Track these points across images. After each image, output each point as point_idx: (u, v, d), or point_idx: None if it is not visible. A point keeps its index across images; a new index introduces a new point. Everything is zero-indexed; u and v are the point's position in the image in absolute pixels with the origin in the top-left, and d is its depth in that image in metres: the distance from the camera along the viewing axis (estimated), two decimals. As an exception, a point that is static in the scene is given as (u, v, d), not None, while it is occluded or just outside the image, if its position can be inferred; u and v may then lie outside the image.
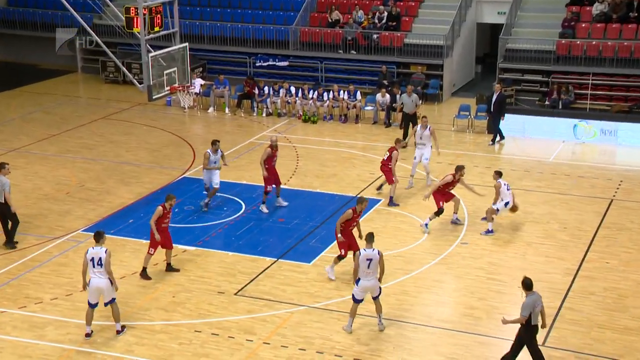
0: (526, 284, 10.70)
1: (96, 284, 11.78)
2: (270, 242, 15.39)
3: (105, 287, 11.79)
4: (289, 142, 21.53)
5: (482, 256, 14.65)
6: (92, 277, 11.79)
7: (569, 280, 13.75)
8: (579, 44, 24.10)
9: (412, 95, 21.15)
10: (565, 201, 17.27)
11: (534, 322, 10.64)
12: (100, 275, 11.73)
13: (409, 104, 21.07)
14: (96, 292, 11.84)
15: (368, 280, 11.86)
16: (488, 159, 20.10)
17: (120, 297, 13.25)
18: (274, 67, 26.94)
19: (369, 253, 11.81)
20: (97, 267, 11.71)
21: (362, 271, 11.82)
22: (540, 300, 10.78)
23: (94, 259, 11.74)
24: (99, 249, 11.81)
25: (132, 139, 22.06)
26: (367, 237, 12.05)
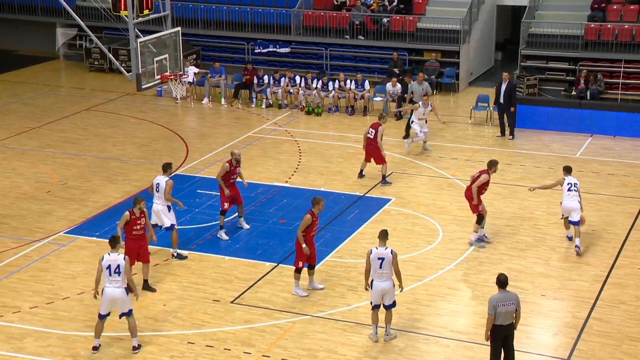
0: (499, 281, 10.86)
1: (111, 294, 11.74)
2: (270, 245, 15.43)
3: (120, 297, 11.76)
4: (290, 136, 21.57)
5: (502, 261, 14.67)
6: (107, 286, 11.73)
7: (598, 288, 13.77)
8: (609, 28, 24.07)
9: (423, 84, 21.37)
10: (594, 201, 17.27)
11: (497, 322, 10.81)
12: (117, 285, 11.70)
13: (419, 92, 21.22)
14: (110, 303, 11.82)
15: (382, 282, 11.90)
16: (508, 155, 20.12)
17: (106, 306, 13.32)
18: (275, 54, 26.98)
19: (381, 251, 11.83)
20: (114, 276, 11.67)
21: (374, 272, 11.84)
22: (514, 301, 10.85)
23: (111, 267, 11.66)
24: (116, 256, 11.76)
25: (119, 132, 22.12)
26: (380, 235, 12.04)
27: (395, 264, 11.84)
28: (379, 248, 11.88)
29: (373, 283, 11.92)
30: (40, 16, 29.36)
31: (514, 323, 11.02)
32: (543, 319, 12.95)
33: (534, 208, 16.86)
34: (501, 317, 10.81)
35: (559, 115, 21.59)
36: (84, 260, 14.89)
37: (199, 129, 22.42)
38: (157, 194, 14.69)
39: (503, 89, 20.82)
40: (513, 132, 21.07)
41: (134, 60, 18.18)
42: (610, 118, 21.19)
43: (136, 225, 13.34)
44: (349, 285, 13.93)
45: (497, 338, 10.96)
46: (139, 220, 13.36)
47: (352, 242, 15.49)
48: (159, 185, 14.68)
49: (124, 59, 25.74)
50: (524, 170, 18.95)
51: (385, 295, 11.94)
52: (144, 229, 13.48)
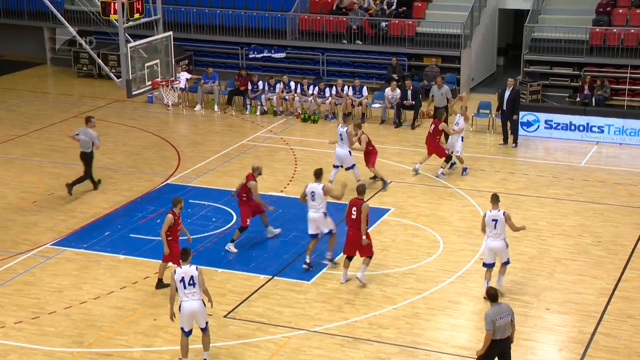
0: (490, 295, 10.96)
1: (190, 308, 11.68)
2: (264, 257, 15.40)
3: (199, 309, 11.72)
4: (286, 144, 21.57)
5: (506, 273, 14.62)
6: (184, 300, 11.68)
7: (604, 301, 13.75)
8: (615, 33, 24.14)
9: (443, 88, 21.51)
10: (600, 211, 17.27)
11: (496, 337, 10.83)
12: (193, 297, 11.67)
13: (439, 97, 21.39)
14: (190, 317, 11.76)
15: (495, 241, 13.48)
16: (511, 164, 20.12)
17: (95, 320, 13.29)
18: (270, 59, 27.00)
19: (494, 214, 13.43)
20: (189, 288, 11.64)
21: (489, 232, 13.46)
22: (508, 312, 10.92)
23: (185, 279, 11.64)
24: (188, 267, 11.75)
25: (108, 140, 22.08)
26: (492, 199, 13.60)
27: (510, 224, 13.47)
28: (492, 211, 13.44)
29: (486, 242, 13.56)
30: (27, 20, 29.37)
31: (510, 336, 11.03)
32: (548, 333, 12.92)
33: (537, 218, 16.85)
34: (499, 331, 10.86)
35: (563, 122, 21.61)
36: (71, 274, 14.84)
37: (191, 137, 22.41)
38: (313, 202, 14.75)
39: (507, 96, 20.84)
40: (516, 140, 21.08)
41: (124, 65, 18.19)
42: (616, 125, 21.21)
43: (179, 225, 13.64)
44: (346, 298, 13.89)
45: (493, 354, 10.93)
46: (180, 220, 13.62)
47: (349, 254, 15.44)
48: (315, 193, 14.71)
49: (114, 65, 25.77)
50: (527, 180, 18.95)
51: (498, 254, 13.56)
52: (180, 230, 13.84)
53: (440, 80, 21.86)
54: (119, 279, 14.62)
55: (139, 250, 15.67)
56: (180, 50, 26.37)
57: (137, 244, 15.91)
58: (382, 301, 13.78)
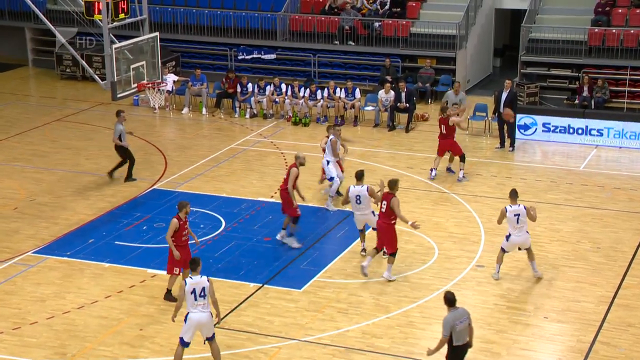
0: (448, 299, 11.02)
1: (197, 319, 11.66)
2: (254, 265, 15.41)
3: (207, 321, 11.77)
4: (276, 148, 21.59)
5: (501, 281, 14.70)
6: (193, 311, 11.68)
7: (604, 309, 13.80)
8: (614, 33, 24.27)
9: (460, 94, 21.34)
10: (599, 217, 17.35)
11: (456, 342, 10.88)
12: (203, 309, 11.70)
13: (455, 102, 21.27)
14: (195, 329, 11.78)
15: (518, 236, 14.32)
16: (508, 168, 20.20)
17: (78, 331, 13.27)
18: (259, 60, 27.03)
19: (515, 209, 14.26)
20: (200, 299, 11.65)
21: (512, 227, 14.26)
22: (466, 316, 10.99)
23: (196, 291, 11.64)
24: (199, 278, 11.75)
25: (92, 144, 22.06)
26: (512, 194, 14.42)
27: (530, 215, 14.22)
28: (512, 206, 14.27)
29: (510, 237, 14.34)
30: (8, 20, 29.32)
31: (469, 341, 11.11)
32: (546, 343, 12.97)
33: (535, 224, 16.84)
34: (459, 336, 10.90)
35: (561, 125, 21.71)
36: (54, 282, 14.82)
37: (178, 141, 22.40)
38: (359, 205, 15.07)
39: (504, 98, 20.92)
40: (513, 143, 21.17)
41: (109, 67, 18.18)
42: (615, 128, 21.32)
43: (184, 230, 13.61)
44: (338, 307, 13.91)
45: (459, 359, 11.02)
46: (186, 225, 13.62)
47: (342, 261, 15.49)
48: (360, 197, 15.03)
49: (98, 66, 25.73)
50: (525, 184, 19.02)
51: (523, 246, 14.44)
52: (189, 234, 13.80)
53: (458, 85, 21.58)
54: (104, 288, 14.60)
55: (124, 258, 15.66)
56: (167, 51, 26.39)
57: (122, 251, 15.89)
58: (375, 310, 13.81)
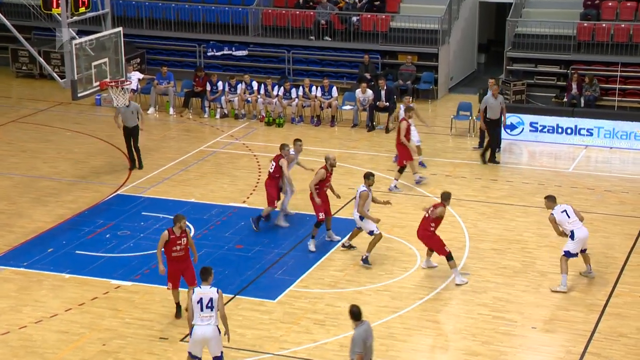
0: (354, 313, 10.84)
1: (202, 333, 11.60)
2: (225, 274, 15.38)
3: (212, 335, 11.63)
4: (248, 150, 21.57)
5: (487, 290, 14.78)
6: (198, 323, 11.61)
7: (594, 319, 13.90)
8: (604, 28, 24.51)
9: (499, 97, 20.36)
10: (589, 221, 17.39)
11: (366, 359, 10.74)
12: (209, 322, 11.60)
13: (494, 107, 20.15)
14: (201, 343, 11.66)
15: (580, 228, 14.63)
16: (493, 170, 20.32)
17: (36, 347, 13.17)
18: (230, 57, 27.02)
19: (561, 207, 14.76)
20: (206, 311, 11.58)
21: (568, 224, 14.59)
22: (371, 332, 10.86)
23: (202, 301, 11.56)
24: (208, 289, 11.69)
25: (51, 147, 21.92)
26: (549, 199, 14.88)
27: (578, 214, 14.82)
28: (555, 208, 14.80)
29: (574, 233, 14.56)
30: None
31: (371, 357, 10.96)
32: (533, 354, 13.05)
33: (522, 229, 17.04)
34: (369, 351, 10.74)
35: (549, 124, 21.86)
36: (10, 295, 14.70)
37: (144, 143, 22.23)
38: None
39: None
40: (499, 145, 21.22)
41: (69, 64, 18.10)
42: (606, 128, 21.51)
43: (176, 245, 13.35)
44: (315, 318, 13.91)
45: None
46: (179, 240, 13.37)
47: (319, 269, 15.49)
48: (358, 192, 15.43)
49: (57, 64, 25.59)
50: (511, 187, 19.15)
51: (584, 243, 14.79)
52: (187, 249, 13.50)
53: (496, 88, 20.38)
54: (64, 301, 14.49)
55: (86, 268, 15.56)
56: (131, 47, 26.28)
57: (83, 261, 15.80)
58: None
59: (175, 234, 13.38)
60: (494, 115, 20.19)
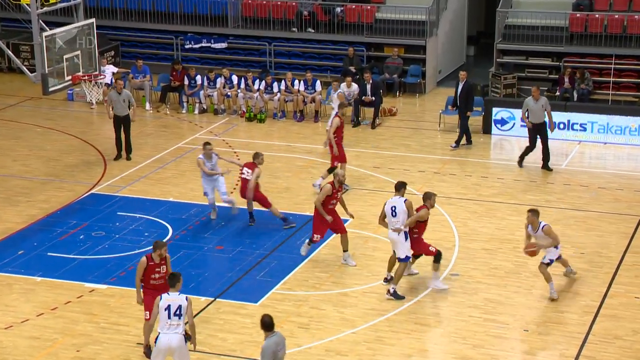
0: (266, 323, 10.83)
1: (167, 342, 11.47)
2: (205, 276, 15.37)
3: (178, 345, 11.52)
4: (228, 146, 21.56)
5: (478, 291, 14.84)
6: (163, 332, 11.49)
7: (589, 320, 13.99)
8: (597, 18, 24.64)
9: (541, 99, 19.70)
10: (582, 219, 17.59)
11: None
12: (175, 330, 11.50)
13: (536, 110, 19.65)
14: (165, 353, 11.57)
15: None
16: (483, 167, 20.40)
17: (7, 353, 13.12)
18: (209, 50, 26.97)
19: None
20: (174, 319, 11.47)
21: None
22: (284, 341, 10.87)
23: (171, 308, 11.47)
24: (177, 295, 11.61)
25: (20, 144, 21.83)
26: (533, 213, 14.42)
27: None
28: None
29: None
30: None
31: None
32: (526, 357, 13.12)
33: (514, 228, 17.11)
34: None
35: (541, 119, 21.95)
36: (-21, 299, 14.65)
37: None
38: (394, 219, 14.43)
39: (459, 90, 21.16)
40: (461, 139, 21.19)
41: (39, 58, 18.02)
42: (600, 122, 21.63)
43: (155, 273, 12.72)
44: (299, 322, 13.93)
45: None
46: (157, 268, 12.76)
47: (302, 271, 15.51)
48: (396, 208, 14.43)
49: (27, 57, 25.46)
50: (502, 185, 19.24)
51: None
52: (165, 278, 12.62)
53: (536, 90, 19.78)
54: (35, 305, 14.44)
55: (58, 271, 15.51)
56: (105, 40, 26.20)
57: (56, 263, 15.75)
58: (339, 324, 13.85)
59: (154, 260, 12.83)
60: (536, 119, 19.69)
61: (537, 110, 19.64)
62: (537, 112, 19.65)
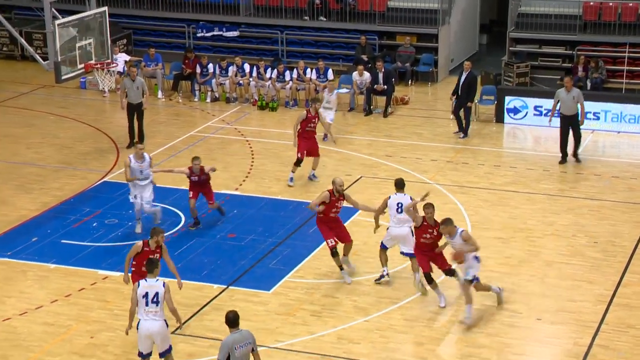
0: (229, 319, 10.78)
1: (148, 329, 11.53)
2: (218, 264, 15.39)
3: (159, 331, 11.58)
4: (241, 135, 21.56)
5: (491, 279, 14.77)
6: (143, 319, 11.54)
7: (602, 309, 13.95)
8: (611, 7, 24.51)
9: (573, 90, 19.32)
10: (596, 208, 17.54)
11: None
12: (155, 317, 11.54)
13: (569, 102, 19.30)
14: (148, 339, 11.60)
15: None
16: (496, 155, 20.35)
17: (21, 339, 13.18)
18: (221, 38, 26.94)
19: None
20: (152, 306, 11.50)
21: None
22: (250, 340, 10.78)
23: (148, 295, 11.49)
24: (154, 282, 11.62)
25: (34, 132, 21.88)
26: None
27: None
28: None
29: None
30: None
31: None
32: (539, 346, 13.10)
33: (527, 217, 17.07)
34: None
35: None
36: (-7, 286, 14.72)
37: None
38: (399, 215, 14.25)
39: (462, 81, 21.05)
40: (467, 130, 21.18)
41: (52, 46, 18.05)
42: (613, 111, 21.54)
43: (147, 258, 12.61)
44: (312, 310, 13.94)
45: None
46: (152, 255, 12.77)
47: (315, 259, 15.51)
48: (402, 205, 14.19)
49: (40, 45, 25.49)
50: (515, 174, 19.18)
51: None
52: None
53: (569, 81, 19.43)
54: (49, 292, 14.50)
55: (72, 258, 15.56)
56: (118, 28, 26.19)
57: (70, 251, 15.80)
58: (352, 312, 13.86)
59: (150, 247, 12.88)
60: (567, 110, 19.30)
61: (569, 102, 19.28)
62: (569, 103, 19.30)
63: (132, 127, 20.36)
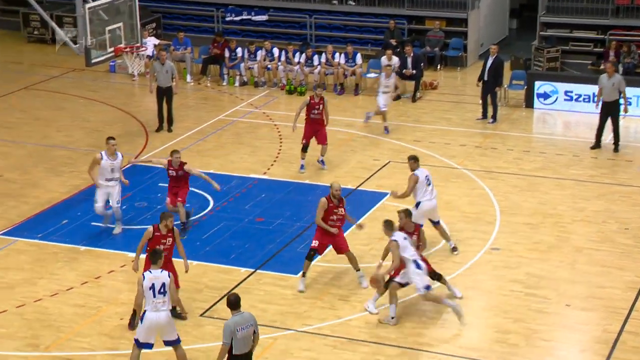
0: (230, 302, 10.81)
1: (155, 320, 11.50)
2: (246, 248, 15.43)
3: (166, 322, 11.59)
4: (269, 119, 21.56)
5: (520, 265, 14.75)
6: (150, 310, 11.52)
7: (632, 296, 13.84)
8: (644, -9, 24.22)
9: (615, 77, 19.07)
10: (627, 194, 17.38)
11: (236, 351, 10.70)
12: (162, 307, 11.54)
13: (609, 89, 19.05)
14: (153, 330, 11.60)
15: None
16: (526, 141, 20.21)
17: (52, 320, 13.30)
18: (250, 22, 26.92)
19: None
20: (159, 297, 11.49)
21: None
22: (251, 322, 10.78)
23: (155, 286, 11.50)
24: (159, 273, 11.62)
25: (64, 115, 22.01)
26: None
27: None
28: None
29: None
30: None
31: (252, 349, 10.91)
32: (569, 332, 13.03)
33: (557, 203, 16.95)
34: (240, 343, 10.70)
35: (585, 93, 21.66)
36: (24, 267, 14.83)
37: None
38: (429, 188, 14.92)
39: (488, 65, 20.88)
40: (496, 115, 21.03)
41: (82, 29, 18.12)
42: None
43: (160, 244, 12.74)
44: (339, 294, 13.94)
45: None
46: (163, 239, 12.82)
47: (342, 243, 15.49)
48: (429, 178, 14.94)
49: (70, 28, 25.55)
50: (544, 159, 19.04)
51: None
52: (171, 250, 12.89)
53: (611, 67, 19.26)
54: (79, 273, 14.61)
55: (102, 241, 15.68)
56: (147, 12, 26.25)
57: (99, 233, 15.90)
58: (380, 297, 13.83)
59: (160, 231, 12.89)
60: (607, 97, 19.06)
61: (609, 88, 19.05)
62: (609, 89, 19.07)
63: (161, 110, 20.43)
